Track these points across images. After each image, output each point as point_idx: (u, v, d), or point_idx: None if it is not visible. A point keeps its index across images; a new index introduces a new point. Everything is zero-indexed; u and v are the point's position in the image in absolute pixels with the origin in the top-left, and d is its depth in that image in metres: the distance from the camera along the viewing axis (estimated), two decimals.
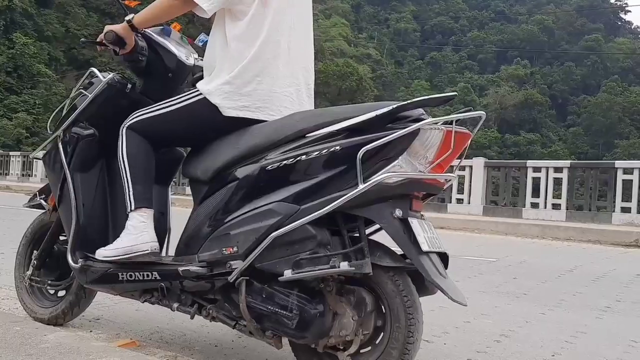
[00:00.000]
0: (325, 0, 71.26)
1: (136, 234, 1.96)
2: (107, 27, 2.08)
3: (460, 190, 11.40)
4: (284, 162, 1.75)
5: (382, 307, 1.73)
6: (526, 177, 10.59)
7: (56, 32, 37.57)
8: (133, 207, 1.99)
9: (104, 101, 2.21)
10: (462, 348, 2.48)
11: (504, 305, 3.38)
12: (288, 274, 1.68)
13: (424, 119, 1.68)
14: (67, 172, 2.21)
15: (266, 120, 1.90)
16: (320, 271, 1.65)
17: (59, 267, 2.38)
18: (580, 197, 10.57)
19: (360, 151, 1.61)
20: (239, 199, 1.82)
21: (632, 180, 9.45)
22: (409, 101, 1.68)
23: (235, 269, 1.76)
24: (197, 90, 1.97)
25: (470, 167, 11.25)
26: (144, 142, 2.05)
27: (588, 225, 8.74)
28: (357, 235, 1.74)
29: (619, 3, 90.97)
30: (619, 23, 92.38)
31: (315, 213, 1.66)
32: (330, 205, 1.65)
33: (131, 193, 2.00)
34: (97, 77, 2.27)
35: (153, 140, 2.07)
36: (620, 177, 9.61)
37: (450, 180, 1.84)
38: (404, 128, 1.62)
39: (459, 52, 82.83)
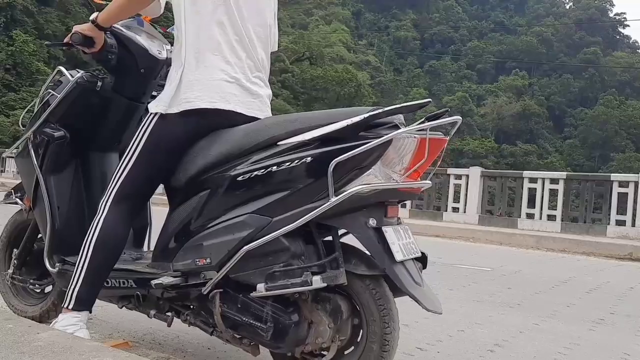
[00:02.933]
0: (326, 6, 71.47)
1: None
2: (75, 28, 2.02)
3: (456, 199, 11.42)
4: (255, 172, 1.72)
5: (359, 311, 1.73)
6: (522, 188, 10.62)
7: (56, 31, 37.50)
8: (69, 307, 1.88)
9: (73, 101, 2.15)
10: (455, 357, 2.48)
11: (498, 315, 3.38)
12: (261, 288, 1.67)
13: (398, 126, 1.66)
14: (40, 175, 2.17)
15: (212, 108, 1.83)
16: (293, 288, 1.65)
17: (40, 266, 2.31)
18: (576, 209, 10.60)
19: (331, 163, 1.58)
20: (211, 209, 1.80)
21: (627, 193, 9.48)
22: (381, 109, 1.64)
23: (209, 279, 1.76)
24: (151, 114, 1.91)
25: (467, 176, 11.28)
26: (124, 222, 1.95)
27: (583, 237, 8.76)
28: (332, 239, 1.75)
29: (617, 17, 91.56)
30: (618, 37, 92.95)
31: (288, 226, 1.64)
32: (302, 219, 1.63)
33: (75, 289, 1.88)
34: (65, 76, 2.22)
35: (141, 197, 2.01)
36: (616, 189, 9.65)
37: (426, 187, 1.82)
38: (377, 137, 1.60)
39: (458, 62, 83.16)
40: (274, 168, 1.69)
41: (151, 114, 1.91)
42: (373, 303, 1.68)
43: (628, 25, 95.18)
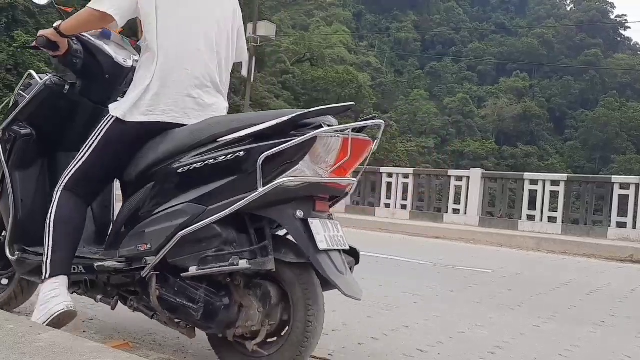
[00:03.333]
0: (327, 7, 71.51)
1: (45, 303, 1.96)
2: (40, 32, 2.17)
3: (457, 201, 11.41)
4: (194, 165, 1.87)
5: (288, 298, 1.85)
6: (523, 190, 10.62)
7: None
8: (47, 276, 2.00)
9: (41, 102, 2.29)
10: (456, 359, 2.48)
11: (499, 317, 3.38)
12: (193, 270, 1.80)
13: (324, 127, 1.82)
14: (5, 169, 2.30)
15: (173, 122, 2.01)
16: (220, 268, 1.78)
17: (4, 258, 2.40)
18: (577, 210, 10.60)
19: (260, 157, 1.74)
20: (154, 199, 1.95)
21: (628, 195, 9.48)
22: (308, 110, 1.80)
23: (149, 264, 1.89)
24: (110, 116, 2.06)
25: (468, 177, 11.28)
26: (78, 205, 2.10)
27: (583, 239, 8.75)
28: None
29: (619, 19, 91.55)
30: (619, 39, 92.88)
31: (219, 214, 1.78)
32: (232, 207, 1.77)
33: (48, 261, 2.01)
34: (34, 79, 2.36)
35: (93, 188, 2.16)
36: (617, 192, 9.64)
37: (352, 184, 1.96)
38: (304, 135, 1.75)
39: (459, 63, 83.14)
40: (211, 161, 1.85)
41: (110, 115, 2.06)
42: (300, 290, 1.82)
43: (629, 27, 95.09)
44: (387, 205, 12.30)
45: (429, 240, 8.83)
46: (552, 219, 10.18)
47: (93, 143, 2.06)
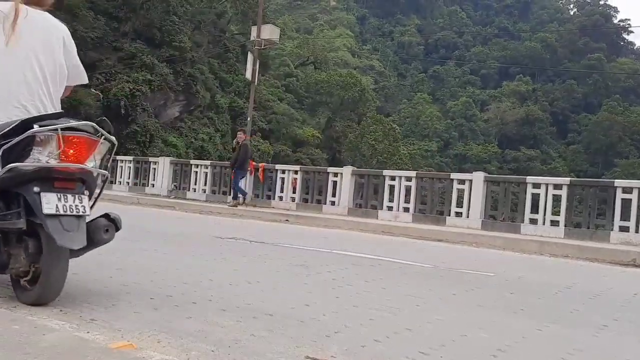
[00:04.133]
0: (331, 11, 71.60)
1: None
2: None
3: (460, 204, 11.41)
4: None
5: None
6: (525, 193, 10.61)
7: None
8: None
9: None
10: None
11: (501, 320, 3.38)
12: None
13: (35, 127, 2.52)
14: None
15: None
16: None
17: None
18: (579, 214, 10.58)
19: (0, 150, 2.49)
20: None
21: (631, 199, 9.46)
22: (32, 117, 2.61)
23: None
24: None
25: (470, 181, 11.27)
26: None
27: (586, 243, 8.74)
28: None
29: (622, 23, 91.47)
30: (622, 43, 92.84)
31: None
32: None
33: None
34: None
35: None
36: (620, 196, 9.63)
37: (83, 169, 2.63)
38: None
39: (462, 67, 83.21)
40: None
41: None
42: (46, 245, 2.54)
43: (632, 32, 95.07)
44: (390, 208, 12.30)
45: (432, 243, 8.82)
46: (554, 223, 10.17)
47: None
